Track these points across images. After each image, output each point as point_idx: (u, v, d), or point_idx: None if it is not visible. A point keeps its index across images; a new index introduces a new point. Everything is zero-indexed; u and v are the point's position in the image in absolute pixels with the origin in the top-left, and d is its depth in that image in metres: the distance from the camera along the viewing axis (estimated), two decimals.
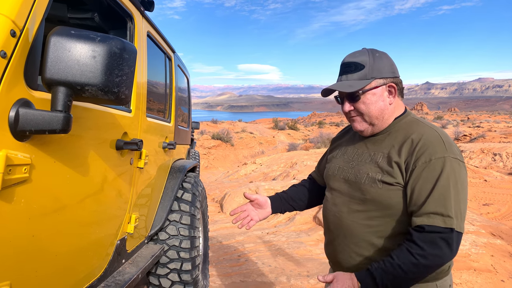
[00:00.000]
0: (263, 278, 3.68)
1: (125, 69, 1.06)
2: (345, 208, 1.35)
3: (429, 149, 1.17)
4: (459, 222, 1.11)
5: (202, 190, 3.04)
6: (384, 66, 1.29)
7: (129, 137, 1.79)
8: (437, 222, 1.10)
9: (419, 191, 1.16)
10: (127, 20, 1.87)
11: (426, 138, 1.21)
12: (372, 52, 1.31)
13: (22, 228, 1.04)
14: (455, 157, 1.17)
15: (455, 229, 1.09)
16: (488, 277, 3.65)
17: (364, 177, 1.29)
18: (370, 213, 1.27)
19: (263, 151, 22.26)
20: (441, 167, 1.15)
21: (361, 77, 1.28)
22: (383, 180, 1.23)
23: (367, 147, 1.36)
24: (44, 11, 1.10)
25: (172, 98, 2.86)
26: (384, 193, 1.23)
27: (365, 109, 1.29)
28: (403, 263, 1.10)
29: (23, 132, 0.97)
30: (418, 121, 1.30)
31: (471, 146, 13.49)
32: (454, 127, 28.69)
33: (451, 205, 1.11)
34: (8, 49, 0.93)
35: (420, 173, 1.17)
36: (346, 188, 1.37)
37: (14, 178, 0.96)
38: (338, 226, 1.37)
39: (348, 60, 1.31)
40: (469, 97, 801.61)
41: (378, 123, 1.31)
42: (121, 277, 1.77)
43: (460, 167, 1.17)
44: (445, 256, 1.09)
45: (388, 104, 1.30)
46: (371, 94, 1.28)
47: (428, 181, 1.15)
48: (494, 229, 5.01)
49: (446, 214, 1.10)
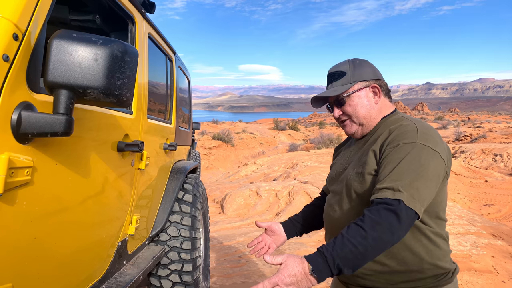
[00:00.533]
0: (264, 279, 3.67)
1: (127, 72, 1.07)
2: (337, 207, 1.40)
3: (400, 136, 1.21)
4: (412, 200, 1.06)
5: (203, 191, 3.04)
6: (364, 71, 1.39)
7: (130, 138, 1.80)
8: (386, 194, 1.08)
9: (381, 172, 1.18)
10: (128, 22, 1.87)
11: (401, 127, 1.25)
12: (353, 61, 1.42)
13: (24, 230, 1.04)
14: (425, 144, 1.16)
15: (403, 201, 1.05)
16: (489, 278, 3.65)
17: (350, 173, 1.34)
18: (358, 208, 1.30)
19: (263, 152, 22.27)
20: (407, 151, 1.15)
21: (344, 82, 1.38)
22: (363, 172, 1.27)
23: (358, 148, 1.43)
24: (46, 14, 1.10)
25: (173, 99, 2.87)
26: (365, 185, 1.26)
27: (352, 111, 1.37)
28: (352, 237, 1.03)
29: (26, 135, 0.98)
30: (403, 118, 1.34)
31: (472, 146, 13.49)
32: (454, 127, 28.67)
33: (406, 182, 1.09)
34: (10, 53, 0.94)
35: (386, 156, 1.20)
36: (339, 188, 1.42)
37: (16, 180, 0.96)
38: (333, 225, 1.41)
39: (331, 71, 1.43)
40: (470, 98, 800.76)
41: (367, 123, 1.38)
42: (122, 279, 1.78)
43: (428, 154, 1.15)
44: (393, 227, 1.03)
45: (374, 104, 1.38)
46: (356, 97, 1.37)
47: (391, 163, 1.16)
48: (495, 230, 5.00)
49: (397, 189, 1.08)
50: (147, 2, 2.09)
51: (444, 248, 1.27)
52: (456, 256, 4.06)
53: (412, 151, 1.15)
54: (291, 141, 26.82)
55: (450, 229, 4.90)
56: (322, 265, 1.02)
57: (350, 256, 1.02)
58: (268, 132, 31.33)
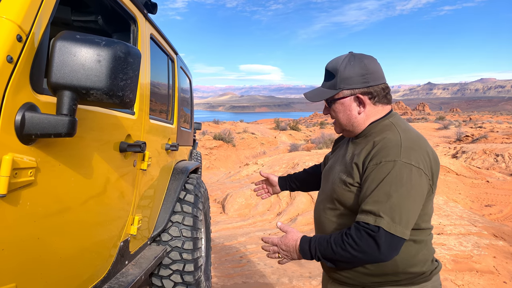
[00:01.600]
0: (265, 279, 3.68)
1: (130, 73, 1.07)
2: (322, 205, 1.44)
3: (383, 152, 1.20)
4: (394, 225, 1.11)
5: (204, 191, 3.05)
6: (352, 77, 1.29)
7: (132, 139, 1.80)
8: (368, 219, 1.14)
9: (364, 190, 1.20)
10: (130, 23, 1.88)
11: (385, 141, 1.23)
12: (349, 59, 1.31)
13: (28, 231, 1.05)
14: (408, 162, 1.16)
15: (382, 228, 1.11)
16: (491, 278, 3.65)
17: (336, 177, 1.36)
18: (337, 211, 1.34)
19: (264, 152, 22.27)
20: (388, 170, 1.16)
21: (331, 86, 1.33)
22: (345, 181, 1.29)
23: (348, 149, 1.41)
24: (50, 15, 1.11)
25: (174, 99, 2.87)
26: (346, 193, 1.29)
27: (335, 116, 1.37)
28: (335, 244, 1.19)
29: (29, 135, 0.98)
30: (391, 125, 1.30)
31: (473, 146, 13.46)
32: (456, 127, 28.63)
33: (386, 206, 1.12)
34: (14, 54, 0.94)
35: (369, 174, 1.20)
36: (326, 186, 1.45)
37: (20, 181, 0.97)
38: (318, 221, 1.47)
39: (327, 67, 1.38)
40: (471, 98, 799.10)
41: (350, 129, 1.37)
42: (124, 279, 1.78)
43: (410, 173, 1.15)
44: (371, 253, 1.13)
45: (356, 114, 1.32)
46: (339, 104, 1.33)
47: (373, 182, 1.18)
48: (496, 231, 5.00)
49: (378, 214, 1.13)
50: (149, 3, 2.09)
51: (423, 253, 1.28)
52: (457, 257, 4.06)
53: (393, 170, 1.15)
54: (292, 141, 26.82)
55: (452, 229, 4.90)
56: (306, 250, 1.27)
57: (329, 256, 1.22)
58: (269, 132, 31.34)
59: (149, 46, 2.13)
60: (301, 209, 6.40)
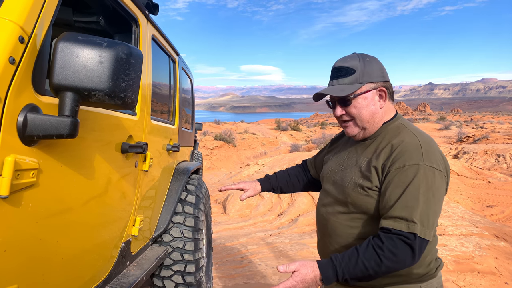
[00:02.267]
0: (266, 280, 3.68)
1: (132, 74, 1.07)
2: (331, 209, 1.40)
3: (405, 156, 1.20)
4: (424, 229, 1.12)
5: (206, 192, 3.05)
6: (374, 71, 1.31)
7: (134, 140, 1.80)
8: (401, 226, 1.12)
9: (389, 195, 1.18)
10: (132, 24, 1.88)
11: (404, 144, 1.23)
12: (363, 57, 1.33)
13: (30, 232, 1.05)
14: (430, 166, 1.18)
15: (418, 235, 1.11)
16: (492, 279, 3.64)
17: (348, 181, 1.33)
18: (351, 215, 1.32)
19: (265, 152, 22.26)
20: (414, 174, 1.16)
21: (352, 81, 1.30)
22: (362, 185, 1.27)
23: (356, 151, 1.40)
24: (52, 16, 1.11)
25: (176, 100, 2.87)
26: (363, 198, 1.26)
27: (356, 113, 1.31)
28: (367, 260, 1.12)
29: (31, 137, 0.98)
30: (404, 127, 1.32)
31: (474, 147, 13.44)
32: (457, 128, 28.58)
33: (417, 211, 1.13)
34: (16, 55, 0.94)
35: (393, 178, 1.19)
36: (333, 189, 1.42)
37: (22, 182, 0.97)
38: (325, 226, 1.42)
39: (339, 65, 1.33)
40: (472, 98, 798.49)
41: (370, 127, 1.34)
42: (126, 279, 1.78)
43: (434, 176, 1.17)
44: (407, 260, 1.12)
45: (378, 108, 1.33)
46: (362, 98, 1.30)
47: (399, 186, 1.17)
48: (498, 231, 4.99)
49: (411, 220, 1.12)
50: (150, 3, 2.09)
51: (432, 252, 1.30)
52: (459, 258, 4.05)
53: (419, 174, 1.16)
54: (293, 142, 26.81)
55: (453, 230, 4.89)
56: (332, 276, 1.15)
57: (360, 274, 1.14)
58: (270, 133, 31.34)
59: (151, 47, 2.13)
60: (302, 210, 6.40)
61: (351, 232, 1.31)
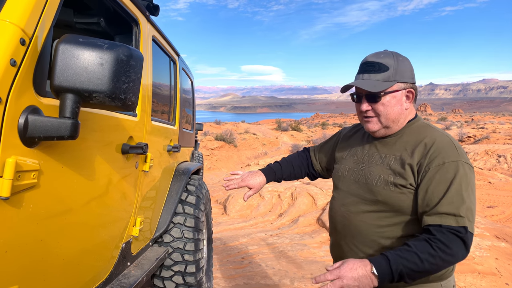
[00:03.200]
0: (266, 280, 3.68)
1: (132, 76, 1.08)
2: (354, 208, 1.37)
3: (443, 153, 1.22)
4: (471, 223, 1.15)
5: (206, 193, 3.05)
6: (406, 71, 1.32)
7: (134, 140, 1.81)
8: (450, 221, 1.14)
9: (432, 192, 1.19)
10: (132, 25, 1.88)
11: (439, 142, 1.25)
12: (396, 55, 1.33)
13: (31, 233, 1.05)
14: (467, 162, 1.21)
15: (468, 228, 1.13)
16: (493, 280, 3.64)
17: (376, 179, 1.32)
18: (380, 214, 1.31)
19: (266, 152, 22.26)
20: (455, 171, 1.18)
21: (385, 78, 1.29)
22: (396, 183, 1.26)
23: (377, 149, 1.39)
24: (53, 18, 1.11)
25: (176, 101, 2.88)
26: (396, 195, 1.26)
27: (383, 111, 1.31)
28: (421, 252, 1.11)
29: (32, 138, 0.99)
30: (429, 126, 1.35)
31: (475, 147, 13.43)
32: (458, 128, 28.55)
33: (464, 206, 1.15)
34: (17, 57, 0.95)
35: (434, 175, 1.20)
36: (355, 188, 1.39)
37: (23, 184, 0.97)
38: (346, 226, 1.39)
39: (372, 60, 1.32)
40: (473, 98, 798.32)
41: (393, 126, 1.34)
42: (126, 280, 1.79)
43: (471, 172, 1.21)
44: (460, 254, 1.13)
45: (404, 109, 1.33)
46: (391, 97, 1.30)
47: (442, 183, 1.18)
48: (498, 232, 4.98)
49: (458, 214, 1.14)
50: (151, 5, 2.10)
51: None
52: None
53: (460, 171, 1.19)
54: (294, 142, 26.81)
55: None
56: (385, 267, 1.11)
57: (414, 267, 1.11)
58: (270, 133, 31.33)
59: (151, 48, 2.13)
60: (302, 210, 6.40)
61: (379, 231, 1.30)
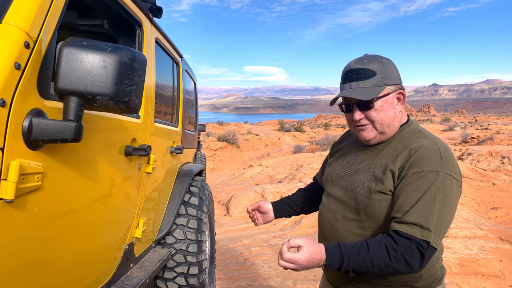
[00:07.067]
0: (269, 282, 3.68)
1: (135, 78, 1.08)
2: (340, 216, 1.34)
3: (424, 161, 1.16)
4: (436, 238, 1.10)
5: (209, 194, 3.06)
6: (393, 72, 1.27)
7: (137, 142, 1.81)
8: (415, 232, 1.09)
9: (404, 198, 1.15)
10: (136, 27, 1.89)
11: (423, 149, 1.19)
12: (379, 58, 1.28)
13: (34, 235, 1.06)
14: (449, 174, 1.15)
15: (430, 243, 1.09)
16: (497, 282, 3.62)
17: (360, 186, 1.28)
18: (363, 222, 1.27)
19: (268, 153, 22.26)
20: (432, 181, 1.13)
21: (374, 84, 1.24)
22: (376, 190, 1.22)
23: (367, 155, 1.34)
24: (57, 22, 1.12)
25: (179, 102, 2.89)
26: (377, 204, 1.22)
27: (377, 117, 1.26)
28: (376, 258, 1.09)
29: (36, 141, 0.99)
30: (420, 132, 1.29)
31: (479, 148, 13.37)
32: (461, 129, 28.44)
33: (433, 219, 1.10)
34: (22, 61, 0.96)
35: (409, 182, 1.16)
36: (342, 195, 1.35)
37: (27, 186, 0.98)
38: (332, 233, 1.36)
39: (357, 67, 1.27)
40: (477, 99, 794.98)
41: (388, 131, 1.29)
42: (129, 282, 1.79)
43: (451, 185, 1.15)
44: (414, 266, 1.09)
45: (397, 111, 1.29)
46: (383, 102, 1.25)
47: (415, 191, 1.14)
48: (502, 234, 4.95)
49: (426, 227, 1.09)
50: (154, 7, 2.10)
51: (439, 259, 1.29)
52: (463, 260, 4.03)
53: (437, 181, 1.13)
54: (296, 143, 26.79)
55: (457, 232, 4.86)
56: (336, 264, 1.12)
57: (364, 270, 1.11)
58: (273, 134, 31.32)
59: (154, 50, 2.14)
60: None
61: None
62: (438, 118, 68.83)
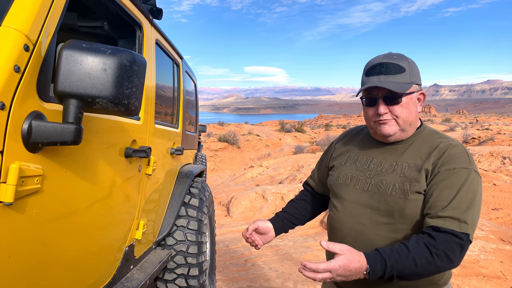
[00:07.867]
0: (270, 283, 3.67)
1: (135, 81, 1.08)
2: (367, 220, 1.28)
3: (455, 158, 1.20)
4: (472, 232, 1.13)
5: (209, 195, 3.05)
6: (417, 73, 1.31)
7: (137, 144, 1.81)
8: (453, 226, 1.11)
9: (437, 194, 1.16)
10: (136, 29, 1.89)
11: (452, 147, 1.23)
12: (406, 57, 1.30)
13: (34, 237, 1.06)
14: (477, 171, 1.21)
15: (469, 235, 1.11)
16: (497, 283, 3.61)
17: (390, 188, 1.25)
18: (396, 225, 1.23)
19: (269, 154, 22.25)
20: (465, 177, 1.17)
21: (404, 80, 1.25)
22: (414, 190, 1.21)
23: (385, 157, 1.32)
24: (57, 24, 1.12)
25: (180, 104, 2.89)
26: (413, 204, 1.20)
27: (401, 113, 1.25)
28: (418, 257, 1.08)
29: (36, 144, 0.99)
30: (437, 133, 1.33)
31: (480, 149, 13.35)
32: (462, 129, 28.40)
33: (469, 213, 1.13)
34: (21, 64, 0.96)
35: (443, 179, 1.18)
36: (366, 198, 1.30)
37: (27, 189, 0.98)
38: (358, 239, 1.29)
39: (388, 61, 1.27)
40: (477, 99, 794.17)
41: (409, 130, 1.29)
42: (129, 283, 1.79)
43: (478, 181, 1.20)
44: (456, 260, 1.10)
45: (417, 111, 1.31)
46: (409, 99, 1.26)
47: (450, 187, 1.16)
48: (503, 235, 4.94)
49: (463, 220, 1.11)
50: (154, 8, 2.10)
51: None
52: (464, 261, 4.02)
53: (469, 178, 1.17)
54: (297, 143, 26.78)
55: None
56: (379, 270, 1.08)
57: (408, 272, 1.09)
58: (274, 134, 31.33)
59: (155, 51, 2.14)
60: None
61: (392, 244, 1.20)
62: (439, 118, 68.77)
